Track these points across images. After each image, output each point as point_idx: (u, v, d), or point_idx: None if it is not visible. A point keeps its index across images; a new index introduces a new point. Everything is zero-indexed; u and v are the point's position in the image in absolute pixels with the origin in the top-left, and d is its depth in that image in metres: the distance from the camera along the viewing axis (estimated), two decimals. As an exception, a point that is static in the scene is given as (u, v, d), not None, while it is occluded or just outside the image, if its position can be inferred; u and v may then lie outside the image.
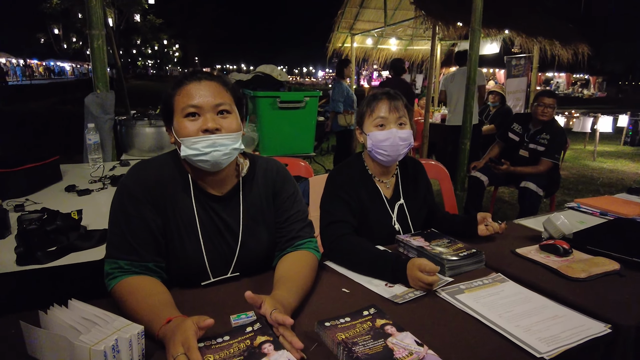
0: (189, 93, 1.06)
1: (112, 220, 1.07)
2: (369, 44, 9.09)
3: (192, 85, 1.07)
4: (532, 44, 6.30)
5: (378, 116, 1.42)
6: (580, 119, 8.36)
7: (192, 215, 1.11)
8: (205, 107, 1.06)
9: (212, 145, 1.05)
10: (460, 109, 3.95)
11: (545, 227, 1.45)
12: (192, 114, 1.06)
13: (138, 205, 1.05)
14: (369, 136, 1.44)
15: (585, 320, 0.97)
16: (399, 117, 1.41)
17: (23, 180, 1.84)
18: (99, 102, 2.59)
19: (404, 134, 1.41)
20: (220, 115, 1.08)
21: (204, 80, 1.08)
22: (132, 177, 1.08)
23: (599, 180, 5.78)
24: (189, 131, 1.05)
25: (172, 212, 1.09)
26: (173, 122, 1.08)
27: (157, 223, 1.07)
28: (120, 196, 1.07)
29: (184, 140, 1.05)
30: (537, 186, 3.19)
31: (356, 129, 1.53)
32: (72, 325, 0.80)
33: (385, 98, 1.43)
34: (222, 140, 1.06)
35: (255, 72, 3.30)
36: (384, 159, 1.44)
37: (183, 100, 1.06)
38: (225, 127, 1.07)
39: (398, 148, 1.41)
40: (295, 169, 2.23)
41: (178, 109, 1.07)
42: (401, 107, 1.42)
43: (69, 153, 3.03)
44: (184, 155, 1.06)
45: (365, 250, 1.24)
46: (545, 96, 3.30)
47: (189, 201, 1.11)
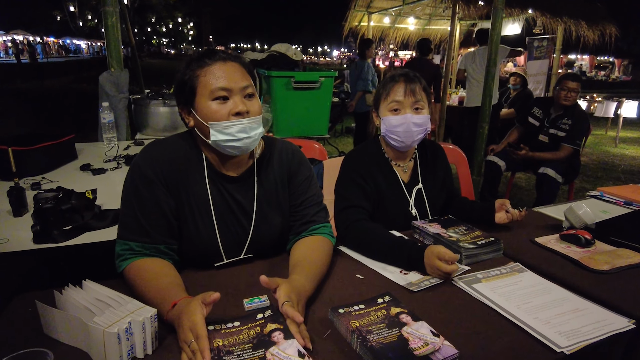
0: (216, 74, 1.02)
1: (124, 201, 1.06)
2: (386, 23, 8.86)
3: (217, 66, 1.03)
4: (557, 25, 6.06)
5: (393, 100, 1.37)
6: (603, 103, 8.07)
7: (206, 196, 1.10)
8: (235, 90, 1.03)
9: (243, 130, 1.03)
10: (480, 90, 3.83)
11: (567, 216, 1.41)
12: (222, 97, 1.02)
13: (150, 186, 1.04)
14: (383, 120, 1.40)
15: (607, 315, 0.94)
16: (415, 101, 1.36)
17: (39, 158, 1.86)
18: (113, 81, 2.58)
19: (419, 120, 1.36)
20: (246, 98, 1.06)
21: (229, 62, 1.05)
22: (145, 157, 1.07)
23: (621, 167, 5.62)
24: (219, 115, 1.02)
25: (185, 193, 1.08)
26: (195, 104, 1.04)
27: (170, 204, 1.06)
28: (132, 177, 1.05)
29: (213, 125, 1.02)
30: (556, 172, 3.11)
31: (372, 111, 1.48)
32: (87, 307, 0.80)
33: (402, 80, 1.38)
34: (252, 124, 1.04)
35: (270, 51, 3.24)
36: (397, 145, 1.40)
37: (210, 81, 1.02)
38: (252, 110, 1.05)
39: (412, 134, 1.36)
40: (309, 151, 2.20)
41: (204, 91, 1.02)
42: (418, 91, 1.37)
43: (85, 131, 3.05)
44: (215, 140, 1.03)
45: (380, 236, 1.22)
46: (569, 80, 3.18)
47: (202, 182, 1.10)
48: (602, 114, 7.97)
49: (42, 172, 1.84)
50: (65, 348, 0.80)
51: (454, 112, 5.62)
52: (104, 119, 2.30)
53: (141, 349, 0.78)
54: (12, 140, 1.74)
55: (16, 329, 0.86)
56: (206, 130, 1.04)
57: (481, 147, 3.48)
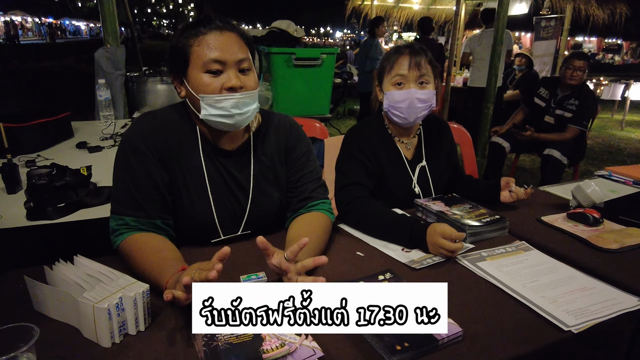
0: (210, 45, 0.96)
1: (116, 175, 1.01)
2: (389, 2, 8.66)
3: (212, 35, 0.97)
4: (565, 3, 5.90)
5: (397, 73, 1.31)
6: (610, 85, 7.93)
7: (201, 171, 1.06)
8: (229, 63, 0.97)
9: (236, 106, 0.98)
10: (485, 70, 3.74)
11: (574, 195, 1.36)
12: (215, 70, 0.97)
13: (143, 159, 1.00)
14: (386, 95, 1.35)
15: (616, 294, 0.91)
16: (420, 75, 1.30)
17: (34, 135, 1.82)
18: (109, 57, 2.52)
19: (423, 95, 1.30)
20: (242, 72, 1.00)
21: (225, 32, 0.98)
22: (136, 129, 1.02)
23: (626, 150, 5.55)
24: (211, 88, 0.97)
25: (179, 166, 1.04)
26: (187, 75, 1.00)
27: (164, 178, 1.02)
28: (123, 150, 1.01)
29: (204, 98, 0.97)
30: (562, 154, 3.05)
31: (376, 85, 1.43)
32: (77, 282, 0.78)
33: (407, 53, 1.32)
34: (245, 99, 0.99)
35: (271, 28, 3.16)
36: (400, 121, 1.35)
37: (204, 52, 0.96)
38: (247, 85, 1.00)
39: (415, 110, 1.31)
40: (310, 130, 2.16)
41: (197, 61, 0.97)
42: (424, 64, 1.31)
43: (84, 112, 3.00)
44: (205, 114, 0.98)
45: (382, 214, 1.18)
46: (575, 58, 3.09)
47: (197, 156, 1.06)
48: (609, 97, 7.83)
49: (37, 149, 1.81)
50: (56, 324, 0.78)
51: (458, 93, 5.53)
52: (100, 96, 2.25)
53: (133, 326, 0.75)
54: (5, 117, 1.70)
55: (6, 305, 0.84)
56: (197, 103, 0.99)
57: (485, 128, 3.42)
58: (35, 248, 1.31)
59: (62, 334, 0.75)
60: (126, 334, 0.75)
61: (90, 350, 0.72)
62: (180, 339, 0.74)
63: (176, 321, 0.79)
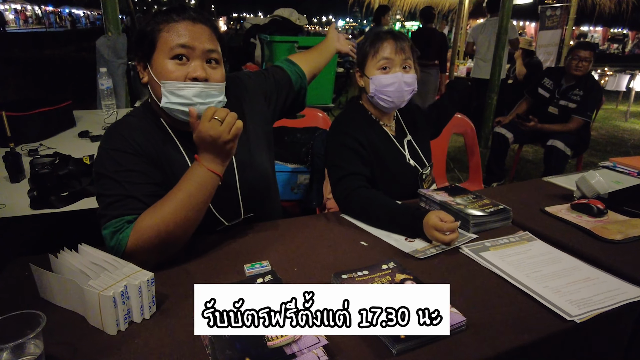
0: (180, 32, 0.94)
1: (103, 186, 0.93)
2: (392, -9, 8.57)
3: (184, 24, 0.95)
4: (571, -8, 5.81)
5: (382, 57, 1.30)
6: (615, 76, 7.85)
7: (184, 161, 1.03)
8: (197, 50, 0.95)
9: (199, 95, 0.94)
10: (489, 61, 3.70)
11: (579, 186, 1.36)
12: (180, 56, 0.94)
13: (135, 159, 0.95)
14: (371, 80, 1.33)
15: (620, 284, 0.91)
16: (404, 59, 1.31)
17: (36, 124, 1.82)
18: (110, 45, 2.50)
19: (409, 79, 1.31)
20: (209, 64, 0.98)
21: (198, 23, 0.96)
22: (116, 138, 0.97)
23: (630, 141, 5.51)
24: (174, 76, 0.93)
25: (166, 163, 1.01)
26: (152, 60, 0.96)
27: (158, 177, 0.98)
28: (109, 158, 0.94)
29: (165, 84, 0.93)
30: (565, 145, 3.04)
31: (355, 71, 1.41)
32: (82, 270, 0.78)
33: (390, 38, 1.31)
34: (209, 90, 0.96)
35: (273, 16, 3.12)
36: (387, 105, 1.34)
37: (172, 38, 0.94)
38: (213, 78, 0.97)
39: (403, 94, 1.32)
40: (312, 120, 2.15)
41: (164, 47, 0.94)
42: (407, 49, 1.32)
43: (86, 100, 2.98)
44: (166, 102, 0.94)
45: (382, 203, 1.18)
46: (580, 48, 3.05)
47: (177, 152, 1.03)
48: (614, 88, 7.75)
49: (39, 138, 1.80)
50: (62, 311, 0.79)
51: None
52: (102, 85, 2.24)
53: (138, 314, 0.75)
54: (7, 106, 1.69)
55: (12, 293, 0.84)
56: (158, 90, 0.95)
57: (489, 119, 3.40)
58: (39, 237, 1.31)
59: (68, 322, 0.76)
60: (131, 322, 0.76)
61: (97, 338, 0.72)
62: (185, 327, 0.75)
63: (181, 309, 0.80)
